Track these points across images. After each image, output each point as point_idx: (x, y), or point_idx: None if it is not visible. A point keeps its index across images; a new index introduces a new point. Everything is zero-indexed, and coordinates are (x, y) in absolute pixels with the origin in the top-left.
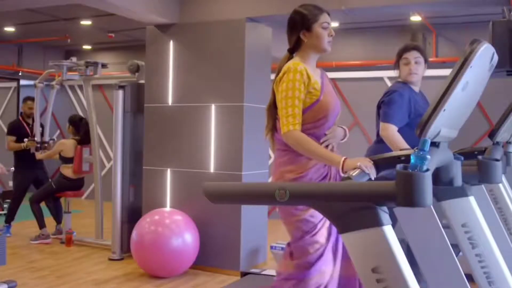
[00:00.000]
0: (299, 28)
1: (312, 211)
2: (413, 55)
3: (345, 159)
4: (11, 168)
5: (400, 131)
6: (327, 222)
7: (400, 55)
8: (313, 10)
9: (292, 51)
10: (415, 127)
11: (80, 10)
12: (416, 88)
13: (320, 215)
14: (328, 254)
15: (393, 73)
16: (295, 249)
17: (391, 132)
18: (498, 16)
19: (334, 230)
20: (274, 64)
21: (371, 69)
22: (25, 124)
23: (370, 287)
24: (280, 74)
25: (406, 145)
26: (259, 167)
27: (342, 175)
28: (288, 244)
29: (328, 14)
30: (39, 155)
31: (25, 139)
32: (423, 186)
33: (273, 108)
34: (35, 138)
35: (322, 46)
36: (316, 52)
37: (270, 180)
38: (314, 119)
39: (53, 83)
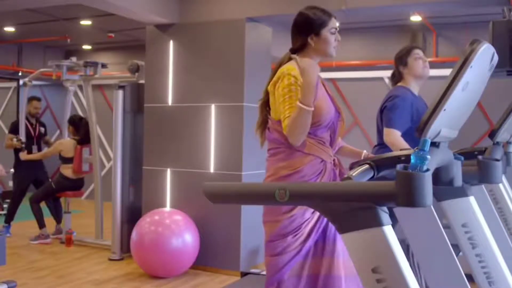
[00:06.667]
0: (307, 31)
1: (299, 210)
2: (421, 53)
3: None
4: (11, 170)
5: (405, 135)
6: (312, 222)
7: (408, 52)
8: (322, 15)
9: (294, 51)
10: None
11: (80, 10)
12: (416, 92)
13: (307, 214)
14: (303, 254)
15: None
16: (274, 246)
17: (395, 137)
18: (498, 16)
19: (321, 229)
20: (274, 64)
21: (371, 69)
22: (28, 124)
23: (370, 287)
24: (275, 78)
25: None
26: (259, 167)
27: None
28: (268, 243)
29: (335, 19)
30: (23, 155)
31: (16, 138)
32: (423, 186)
33: (264, 106)
34: (21, 138)
35: (328, 51)
36: (320, 56)
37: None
38: None
39: (26, 80)
